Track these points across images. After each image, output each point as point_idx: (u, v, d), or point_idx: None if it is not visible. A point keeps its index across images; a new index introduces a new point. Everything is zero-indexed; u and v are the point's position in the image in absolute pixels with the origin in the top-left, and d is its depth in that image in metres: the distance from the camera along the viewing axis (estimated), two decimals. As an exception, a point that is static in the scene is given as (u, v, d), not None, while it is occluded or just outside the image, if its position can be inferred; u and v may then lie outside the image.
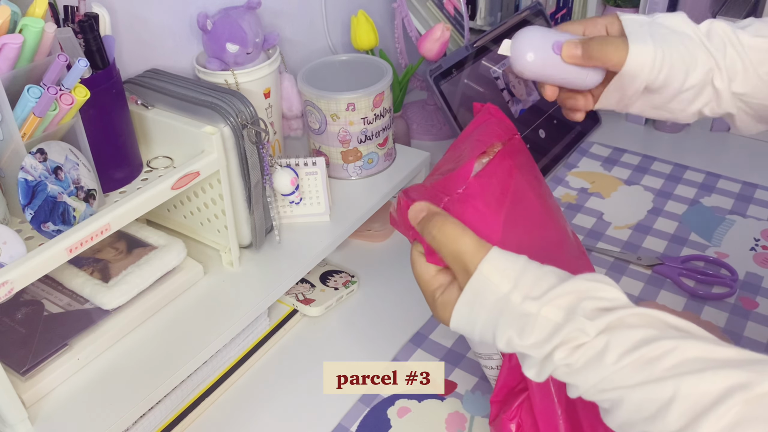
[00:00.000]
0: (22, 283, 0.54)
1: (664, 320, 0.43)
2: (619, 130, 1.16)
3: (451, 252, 0.49)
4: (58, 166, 0.59)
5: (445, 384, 0.71)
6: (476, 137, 0.60)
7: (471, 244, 0.48)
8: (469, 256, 0.48)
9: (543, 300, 0.44)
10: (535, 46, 0.57)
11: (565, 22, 0.62)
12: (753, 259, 0.86)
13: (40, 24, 0.56)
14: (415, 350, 0.75)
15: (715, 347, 0.40)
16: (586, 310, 0.43)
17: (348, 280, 0.84)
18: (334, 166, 0.89)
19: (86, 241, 0.59)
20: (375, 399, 0.70)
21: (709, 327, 0.77)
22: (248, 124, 0.71)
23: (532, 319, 0.44)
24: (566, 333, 0.43)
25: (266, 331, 0.76)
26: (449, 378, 0.72)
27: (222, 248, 0.76)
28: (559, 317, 0.44)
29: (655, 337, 0.41)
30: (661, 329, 0.42)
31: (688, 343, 0.40)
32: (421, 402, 0.70)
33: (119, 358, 0.66)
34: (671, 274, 0.83)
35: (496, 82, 1.00)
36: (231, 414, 0.70)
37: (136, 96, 0.74)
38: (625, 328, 0.42)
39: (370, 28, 1.02)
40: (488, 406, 0.63)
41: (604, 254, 0.88)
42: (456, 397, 0.70)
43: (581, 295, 0.44)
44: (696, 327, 0.42)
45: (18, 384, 0.60)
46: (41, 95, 0.55)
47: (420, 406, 0.69)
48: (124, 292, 0.67)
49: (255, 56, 0.83)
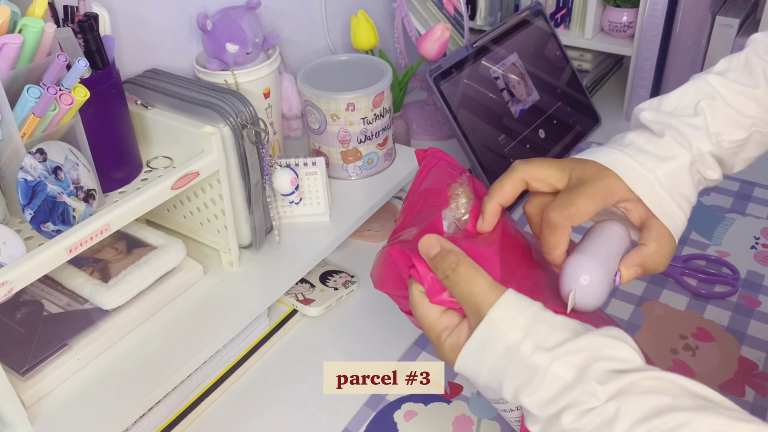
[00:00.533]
0: (21, 283, 0.54)
1: (681, 384, 0.40)
2: (619, 130, 1.15)
3: (463, 292, 0.47)
4: (58, 166, 0.59)
5: (451, 387, 0.71)
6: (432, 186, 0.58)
7: (485, 285, 0.47)
8: (482, 297, 0.46)
9: (554, 354, 0.42)
10: (599, 285, 0.50)
11: (533, 161, 0.54)
12: (753, 257, 0.86)
13: (39, 24, 0.56)
14: (420, 353, 0.75)
15: (731, 422, 0.37)
16: (597, 373, 0.41)
17: (348, 280, 0.84)
18: (334, 166, 0.89)
19: (86, 241, 0.59)
20: (381, 402, 0.70)
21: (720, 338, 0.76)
22: (248, 124, 0.71)
23: (541, 374, 0.42)
24: (575, 395, 0.41)
25: (266, 331, 0.76)
26: (455, 381, 0.72)
27: (222, 248, 0.76)
28: (570, 376, 0.42)
29: (668, 407, 0.39)
30: (675, 396, 0.39)
31: (703, 416, 0.38)
32: (427, 405, 0.69)
33: (119, 358, 0.66)
34: (673, 273, 0.83)
35: (496, 82, 1.00)
36: (231, 414, 0.69)
37: (135, 96, 0.74)
38: (637, 394, 0.40)
39: (370, 28, 1.02)
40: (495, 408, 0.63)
41: (604, 254, 0.87)
42: (462, 400, 0.70)
43: (594, 353, 0.42)
44: (714, 393, 0.40)
45: (18, 384, 0.60)
46: (41, 95, 0.55)
47: (426, 409, 0.69)
48: (123, 292, 0.67)
49: (255, 56, 0.83)
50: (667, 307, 0.79)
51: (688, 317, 0.78)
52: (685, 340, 0.75)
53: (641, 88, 1.13)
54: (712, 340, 0.74)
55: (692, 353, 0.73)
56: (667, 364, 0.72)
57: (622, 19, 1.14)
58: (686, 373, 0.69)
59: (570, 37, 1.18)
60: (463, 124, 0.93)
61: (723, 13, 1.05)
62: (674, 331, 0.76)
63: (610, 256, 0.52)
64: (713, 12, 1.05)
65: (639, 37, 1.09)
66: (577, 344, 0.43)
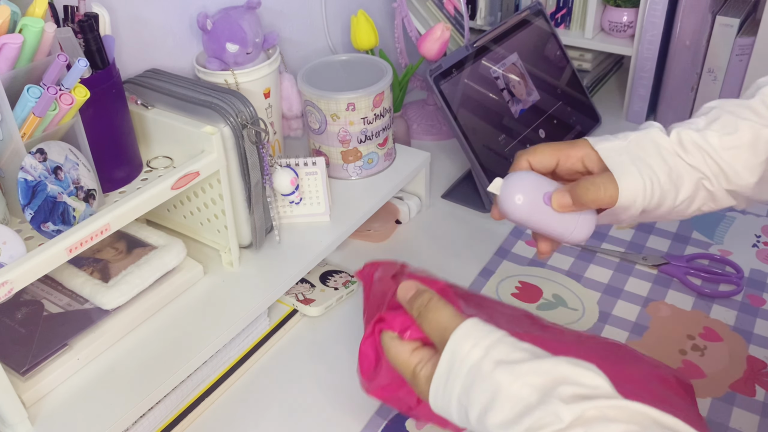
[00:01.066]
0: (21, 283, 0.54)
1: (649, 415, 0.39)
2: (619, 130, 1.14)
3: (431, 324, 0.48)
4: (58, 166, 0.59)
5: None
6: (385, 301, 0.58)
7: (450, 313, 0.47)
8: (446, 324, 0.47)
9: (516, 372, 0.41)
10: (526, 190, 0.56)
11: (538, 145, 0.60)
12: (756, 255, 0.86)
13: (39, 24, 0.56)
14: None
15: None
16: (562, 395, 0.39)
17: (348, 280, 0.84)
18: (334, 166, 0.89)
19: (86, 241, 0.59)
20: (392, 411, 0.68)
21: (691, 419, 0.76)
22: (248, 124, 0.71)
23: (504, 392, 0.41)
24: (539, 417, 0.39)
25: (266, 331, 0.76)
26: None
27: (222, 248, 0.76)
28: (533, 398, 0.40)
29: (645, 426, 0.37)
30: (643, 426, 0.38)
31: None
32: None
33: (119, 358, 0.66)
34: (677, 273, 0.83)
35: (496, 82, 1.00)
36: (231, 414, 0.69)
37: (136, 96, 0.74)
38: (604, 421, 0.38)
39: (370, 28, 1.02)
40: None
41: (609, 255, 0.87)
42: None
43: (559, 377, 0.41)
44: (684, 426, 0.38)
45: (18, 384, 0.60)
46: (41, 95, 0.55)
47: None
48: (123, 292, 0.67)
49: (255, 56, 0.83)
50: (673, 307, 0.79)
51: (695, 317, 0.78)
52: (692, 340, 0.75)
53: (641, 88, 1.13)
54: (719, 340, 0.74)
55: (701, 354, 0.73)
56: (677, 364, 0.72)
57: (622, 19, 1.14)
58: (696, 374, 0.70)
59: (570, 37, 1.18)
60: (463, 124, 0.93)
61: (723, 13, 1.05)
62: (682, 332, 0.76)
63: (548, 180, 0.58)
64: (713, 12, 1.05)
65: (639, 37, 1.09)
66: (541, 366, 0.41)
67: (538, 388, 0.40)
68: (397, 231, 0.94)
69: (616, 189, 0.54)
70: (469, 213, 0.97)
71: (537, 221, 0.57)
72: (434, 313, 0.48)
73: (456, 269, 0.86)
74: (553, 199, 0.56)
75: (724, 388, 0.69)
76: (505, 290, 0.83)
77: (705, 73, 1.09)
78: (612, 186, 0.54)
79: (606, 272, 0.85)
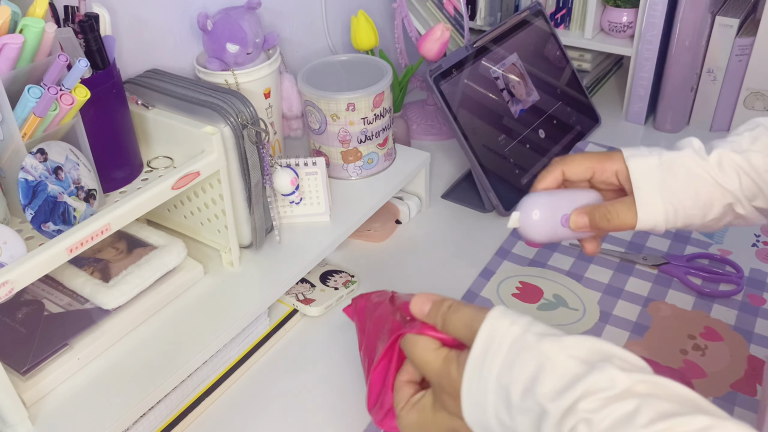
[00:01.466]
0: (22, 282, 0.54)
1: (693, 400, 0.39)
2: (619, 130, 1.16)
3: (456, 325, 0.48)
4: (59, 166, 0.59)
5: None
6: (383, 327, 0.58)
7: (475, 309, 0.48)
8: (473, 318, 0.46)
9: (562, 344, 0.41)
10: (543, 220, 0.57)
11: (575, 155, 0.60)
12: (756, 255, 0.86)
13: (40, 24, 0.56)
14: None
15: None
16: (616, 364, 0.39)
17: (348, 280, 0.84)
18: (334, 166, 0.89)
19: (86, 241, 0.59)
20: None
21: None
22: (248, 124, 0.71)
23: (552, 360, 0.41)
24: (595, 380, 0.39)
25: (266, 331, 0.76)
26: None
27: (222, 248, 0.76)
28: (581, 369, 0.40)
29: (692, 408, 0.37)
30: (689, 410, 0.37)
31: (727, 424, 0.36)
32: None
33: (119, 358, 0.66)
34: (678, 273, 0.83)
35: (496, 82, 1.00)
36: (231, 414, 0.69)
37: (136, 96, 0.74)
38: (654, 398, 0.38)
39: (370, 28, 1.02)
40: None
41: (609, 255, 0.87)
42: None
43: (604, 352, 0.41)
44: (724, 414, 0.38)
45: (18, 384, 0.60)
46: (41, 95, 0.55)
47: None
48: (124, 292, 0.67)
49: (255, 56, 0.83)
50: (674, 307, 0.79)
51: (696, 317, 0.78)
52: (693, 340, 0.75)
53: (641, 88, 1.13)
54: (720, 340, 0.74)
55: (702, 353, 0.73)
56: (678, 364, 0.72)
57: (622, 19, 1.14)
58: (697, 373, 0.70)
59: (570, 37, 1.18)
60: (463, 124, 0.93)
61: (723, 13, 1.05)
62: (683, 332, 0.76)
63: (565, 199, 0.58)
64: (713, 12, 1.05)
65: (639, 37, 1.09)
66: (584, 342, 0.42)
67: (584, 360, 0.41)
68: (397, 231, 0.94)
69: (634, 217, 0.55)
70: (469, 213, 0.97)
71: (562, 238, 0.59)
72: (458, 313, 0.48)
73: (456, 269, 0.86)
74: (571, 222, 0.57)
75: (725, 388, 0.69)
76: (505, 290, 0.83)
77: (705, 73, 1.09)
78: (631, 214, 0.55)
79: (606, 272, 0.85)
